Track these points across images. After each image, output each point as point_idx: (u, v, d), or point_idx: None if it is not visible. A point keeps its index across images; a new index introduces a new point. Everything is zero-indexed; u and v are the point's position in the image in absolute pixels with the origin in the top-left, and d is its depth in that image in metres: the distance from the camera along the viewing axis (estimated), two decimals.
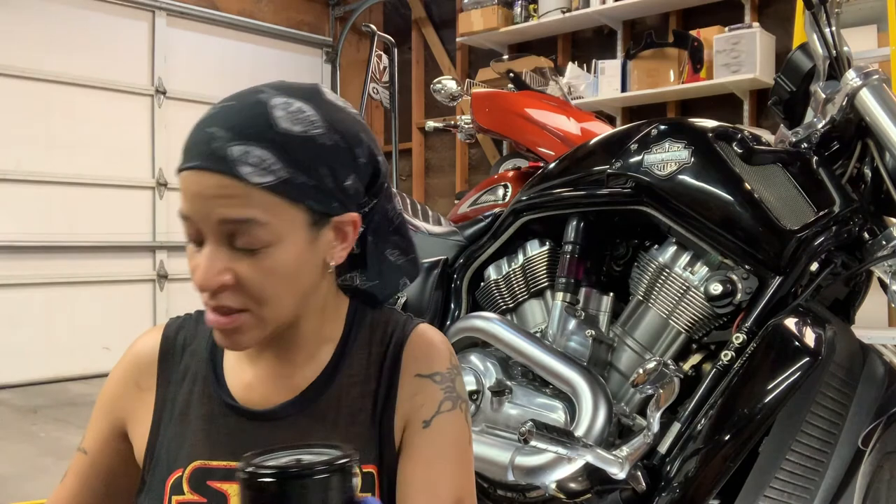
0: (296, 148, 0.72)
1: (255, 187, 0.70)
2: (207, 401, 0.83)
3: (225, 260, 0.72)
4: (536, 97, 2.40)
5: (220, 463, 0.80)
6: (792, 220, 1.41)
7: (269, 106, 0.73)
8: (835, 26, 1.46)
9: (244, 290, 0.73)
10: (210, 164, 0.70)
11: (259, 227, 0.71)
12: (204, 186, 0.71)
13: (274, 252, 0.73)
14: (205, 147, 0.71)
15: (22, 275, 4.51)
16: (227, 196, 0.70)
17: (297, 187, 0.72)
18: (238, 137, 0.71)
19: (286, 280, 0.74)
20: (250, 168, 0.70)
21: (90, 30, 4.77)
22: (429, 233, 2.06)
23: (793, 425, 1.30)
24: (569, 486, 1.47)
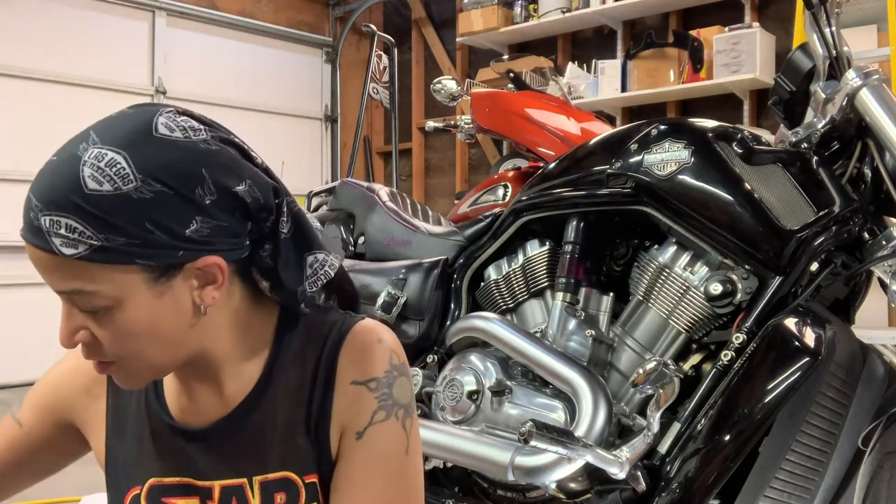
0: (107, 209, 0.66)
1: (69, 258, 0.66)
2: (152, 418, 0.83)
3: (78, 319, 0.71)
4: (536, 97, 2.40)
5: (173, 479, 0.80)
6: (792, 220, 1.41)
7: (81, 164, 0.67)
8: (835, 26, 1.46)
9: (103, 346, 0.72)
10: (29, 237, 0.68)
11: (88, 295, 0.68)
12: (32, 257, 0.69)
13: (117, 313, 0.69)
14: (26, 216, 0.68)
15: (22, 275, 4.50)
16: (49, 269, 0.68)
17: (115, 251, 0.67)
18: (47, 207, 0.66)
19: (141, 336, 0.71)
20: (60, 240, 0.66)
21: (90, 30, 4.77)
22: (429, 233, 2.06)
23: (793, 425, 1.30)
24: (569, 486, 1.47)
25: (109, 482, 0.85)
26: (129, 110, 0.72)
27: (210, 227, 0.70)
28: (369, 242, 2.15)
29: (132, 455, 0.83)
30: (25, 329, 4.46)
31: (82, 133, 0.70)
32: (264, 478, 0.78)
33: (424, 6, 5.58)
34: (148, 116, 0.70)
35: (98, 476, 0.88)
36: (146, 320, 0.70)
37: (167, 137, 0.70)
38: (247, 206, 0.73)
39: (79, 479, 2.81)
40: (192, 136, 0.71)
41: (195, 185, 0.69)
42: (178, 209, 0.68)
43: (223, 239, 0.72)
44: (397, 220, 2.13)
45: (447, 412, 1.71)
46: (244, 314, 0.79)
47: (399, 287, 1.94)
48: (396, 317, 1.92)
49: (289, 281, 0.78)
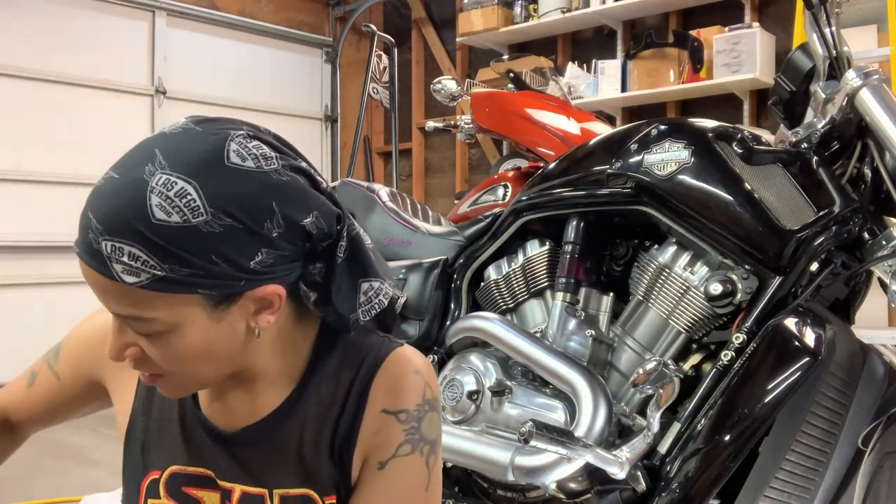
0: (174, 241, 0.64)
1: (131, 287, 0.65)
2: (184, 408, 0.83)
3: (129, 336, 0.70)
4: (536, 97, 2.40)
5: (197, 469, 0.80)
6: (792, 220, 1.41)
7: (148, 190, 0.64)
8: (835, 26, 1.46)
9: (153, 362, 0.71)
10: (87, 259, 0.66)
11: (146, 321, 0.67)
12: (89, 277, 0.67)
13: (174, 337, 0.69)
14: (83, 236, 0.66)
15: (22, 275, 4.51)
16: (106, 293, 0.67)
17: (178, 282, 0.65)
18: (109, 232, 0.64)
19: (195, 358, 0.71)
20: (122, 266, 0.64)
21: (90, 30, 4.76)
22: (429, 233, 2.06)
23: (793, 425, 1.30)
24: (569, 486, 1.47)
25: (127, 455, 0.84)
26: (198, 129, 0.69)
27: (274, 258, 0.69)
28: None
29: (155, 435, 0.82)
30: (25, 329, 4.46)
31: (146, 151, 0.67)
32: (285, 492, 0.78)
33: (424, 6, 5.58)
34: (219, 142, 0.68)
35: (98, 476, 0.89)
36: (201, 345, 0.70)
37: (239, 167, 0.67)
38: (311, 236, 0.72)
39: (79, 479, 2.81)
40: (263, 166, 0.68)
41: (264, 220, 0.67)
42: (245, 242, 0.67)
43: (284, 266, 0.71)
44: (397, 220, 2.13)
45: (447, 412, 1.71)
46: (288, 330, 0.79)
47: (399, 287, 1.94)
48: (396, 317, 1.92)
49: (341, 306, 0.76)
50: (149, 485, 0.80)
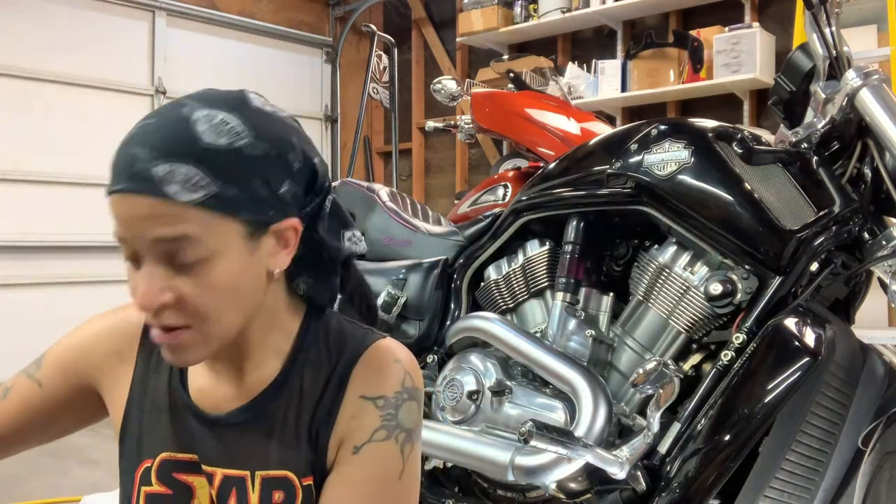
0: (222, 161, 0.71)
1: (184, 205, 0.69)
2: (172, 394, 0.84)
3: (164, 279, 0.72)
4: (536, 97, 2.40)
5: (186, 455, 0.81)
6: (792, 220, 1.41)
7: (192, 121, 0.71)
8: (835, 26, 1.46)
9: (185, 307, 0.72)
10: (136, 187, 0.69)
11: (194, 243, 0.70)
12: (134, 208, 0.70)
13: (212, 267, 0.72)
14: (129, 169, 0.70)
15: (22, 275, 4.51)
16: (158, 216, 0.69)
17: (227, 201, 0.71)
18: (161, 156, 0.69)
19: (227, 294, 0.74)
20: (177, 186, 0.69)
21: (90, 30, 4.76)
22: (429, 233, 2.06)
23: (793, 425, 1.30)
24: (569, 486, 1.47)
25: (122, 450, 0.85)
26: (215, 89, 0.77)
27: (293, 192, 0.77)
28: (369, 242, 2.14)
29: (148, 426, 0.84)
30: (25, 329, 4.46)
31: (172, 102, 0.75)
32: (266, 473, 0.79)
33: (424, 6, 5.58)
34: (238, 93, 0.77)
35: (98, 476, 0.89)
36: (234, 276, 0.73)
37: (262, 108, 0.77)
38: (316, 179, 0.80)
39: (79, 479, 2.81)
40: (278, 113, 0.79)
41: (288, 150, 0.76)
42: (276, 169, 0.75)
43: (297, 208, 0.78)
44: (397, 220, 2.13)
45: (447, 412, 1.71)
46: (280, 310, 0.83)
47: (399, 287, 1.94)
48: (396, 317, 1.92)
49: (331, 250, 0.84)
50: (142, 473, 0.82)
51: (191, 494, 0.80)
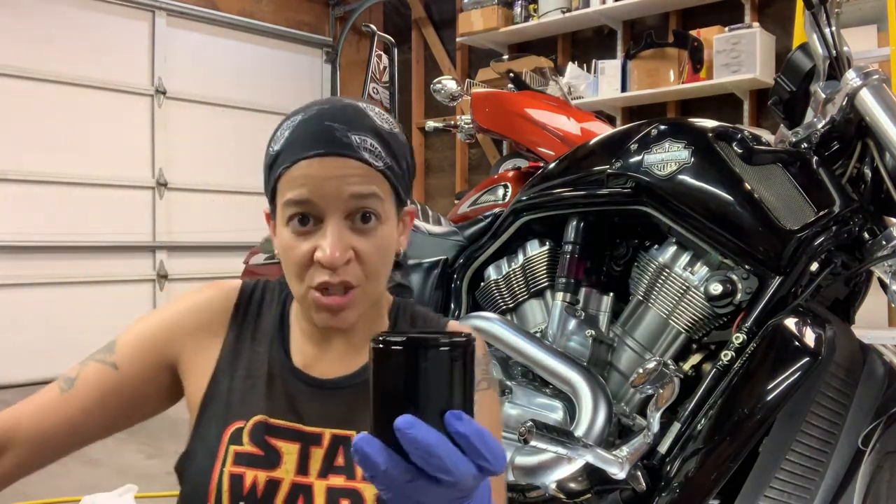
0: (390, 142, 0.84)
1: (373, 169, 0.81)
2: (273, 363, 0.88)
3: (348, 238, 0.81)
4: (536, 97, 2.40)
5: (280, 421, 0.85)
6: (792, 220, 1.41)
7: (364, 109, 0.85)
8: (835, 26, 1.46)
9: (361, 264, 0.82)
10: (338, 150, 0.81)
11: (379, 202, 0.82)
12: (333, 168, 0.80)
13: (382, 229, 0.83)
14: (328, 136, 0.81)
15: (22, 275, 4.51)
16: (356, 175, 0.81)
17: (395, 174, 0.84)
18: (354, 129, 0.81)
19: (387, 257, 0.84)
20: (368, 153, 0.81)
21: (90, 30, 4.77)
22: (429, 233, 2.06)
23: (793, 425, 1.30)
24: (569, 486, 1.47)
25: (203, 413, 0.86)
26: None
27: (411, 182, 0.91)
28: None
29: (241, 392, 0.87)
30: (25, 329, 4.46)
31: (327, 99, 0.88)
32: None
33: (424, 6, 5.58)
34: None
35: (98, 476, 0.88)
36: (391, 243, 0.85)
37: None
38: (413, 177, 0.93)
39: (79, 479, 2.81)
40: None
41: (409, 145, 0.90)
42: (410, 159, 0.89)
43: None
44: None
45: None
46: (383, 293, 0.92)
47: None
48: None
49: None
50: (233, 433, 0.84)
51: (278, 458, 0.83)
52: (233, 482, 0.82)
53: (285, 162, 0.82)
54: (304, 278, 0.82)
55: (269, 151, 0.85)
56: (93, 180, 4.73)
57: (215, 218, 5.28)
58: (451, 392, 0.53)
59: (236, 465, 0.83)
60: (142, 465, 3.05)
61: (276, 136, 0.86)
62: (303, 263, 0.81)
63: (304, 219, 0.81)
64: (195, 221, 5.18)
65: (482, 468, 0.52)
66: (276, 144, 0.84)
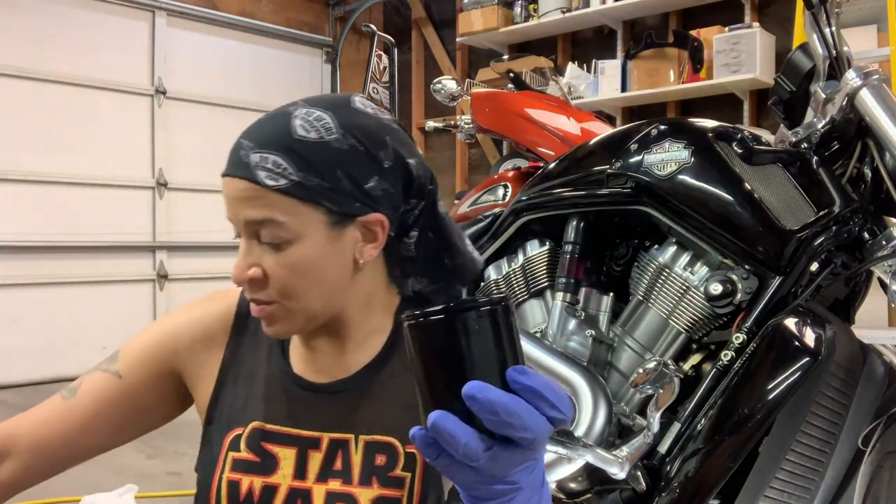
0: (309, 153, 0.77)
1: (270, 190, 0.76)
2: (272, 368, 0.88)
3: (254, 256, 0.79)
4: (536, 97, 2.40)
5: (276, 427, 0.85)
6: (792, 220, 1.41)
7: (292, 116, 0.79)
8: (835, 26, 1.46)
9: (271, 283, 0.79)
10: (235, 171, 0.78)
11: (277, 225, 0.77)
12: (232, 191, 0.78)
13: (295, 249, 0.78)
14: (234, 156, 0.79)
15: (22, 275, 4.51)
16: (248, 198, 0.77)
17: (309, 189, 0.77)
18: (258, 146, 0.78)
19: (308, 275, 0.79)
20: (265, 173, 0.76)
21: (90, 30, 4.77)
22: None
23: (793, 425, 1.30)
24: (569, 486, 1.47)
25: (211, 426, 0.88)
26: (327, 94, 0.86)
27: (382, 189, 0.81)
28: None
29: (241, 399, 0.87)
30: (25, 329, 4.46)
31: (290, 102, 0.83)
32: (370, 438, 0.83)
33: (424, 6, 5.58)
34: (346, 95, 0.85)
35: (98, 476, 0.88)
36: (316, 260, 0.79)
37: (361, 109, 0.83)
38: (412, 180, 0.84)
39: (79, 479, 2.81)
40: (379, 114, 0.84)
41: (380, 148, 0.81)
42: (364, 165, 0.80)
43: (388, 205, 0.82)
44: None
45: None
46: (380, 291, 0.88)
47: None
48: None
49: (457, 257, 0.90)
50: (232, 439, 0.85)
51: (275, 464, 0.83)
52: (230, 489, 0.83)
53: None
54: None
55: None
56: (93, 180, 4.73)
57: (215, 218, 5.28)
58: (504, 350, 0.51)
59: (234, 471, 0.84)
60: (142, 465, 3.05)
61: None
62: None
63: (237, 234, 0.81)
64: (195, 221, 5.18)
65: (553, 419, 0.51)
66: None
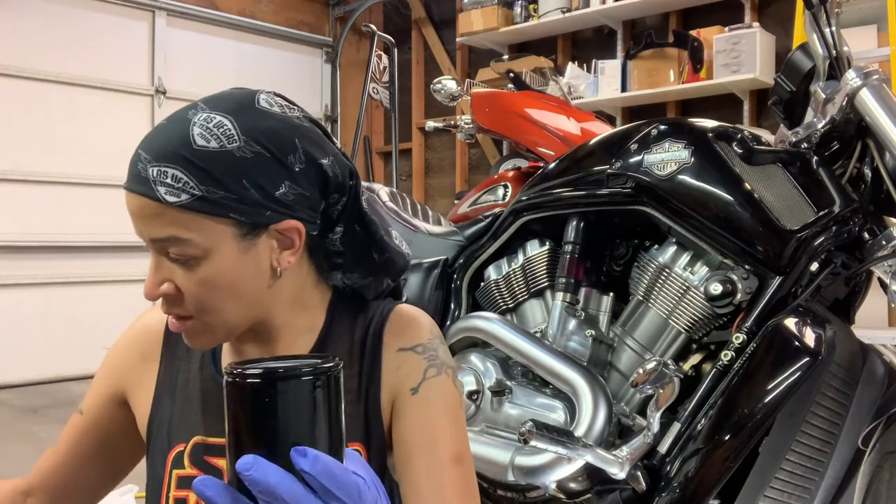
0: (212, 164, 0.72)
1: (171, 207, 0.72)
2: (204, 378, 0.86)
3: (165, 272, 0.75)
4: (536, 97, 2.40)
5: (218, 440, 0.82)
6: (792, 220, 1.41)
7: (191, 124, 0.73)
8: (835, 26, 1.46)
9: (185, 299, 0.75)
10: (134, 186, 0.73)
11: (182, 242, 0.73)
12: (133, 207, 0.74)
13: (205, 264, 0.74)
14: (133, 169, 0.74)
15: (22, 275, 4.51)
16: (149, 216, 0.73)
17: (214, 203, 0.72)
18: (156, 159, 0.72)
19: (223, 289, 0.75)
20: (165, 188, 0.71)
21: (90, 30, 4.76)
22: (429, 233, 2.06)
23: (793, 425, 1.30)
24: (569, 486, 1.47)
25: (151, 444, 0.87)
26: (233, 89, 0.80)
27: (295, 194, 0.76)
28: None
29: (178, 413, 0.85)
30: (25, 329, 4.46)
31: (191, 104, 0.77)
32: None
33: (424, 6, 5.58)
34: (250, 93, 0.79)
35: None
36: (229, 274, 0.75)
37: (267, 110, 0.77)
38: (328, 180, 0.80)
39: None
40: (287, 113, 0.79)
41: (288, 153, 0.76)
42: (272, 171, 0.75)
43: (304, 209, 0.78)
44: (397, 220, 2.13)
45: None
46: (307, 290, 0.85)
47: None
48: None
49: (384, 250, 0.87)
50: (174, 457, 0.83)
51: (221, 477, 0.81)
52: None
53: None
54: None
55: None
56: (92, 180, 4.73)
57: None
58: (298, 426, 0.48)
59: (179, 489, 0.82)
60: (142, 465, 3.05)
61: None
62: None
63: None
64: None
65: None
66: None
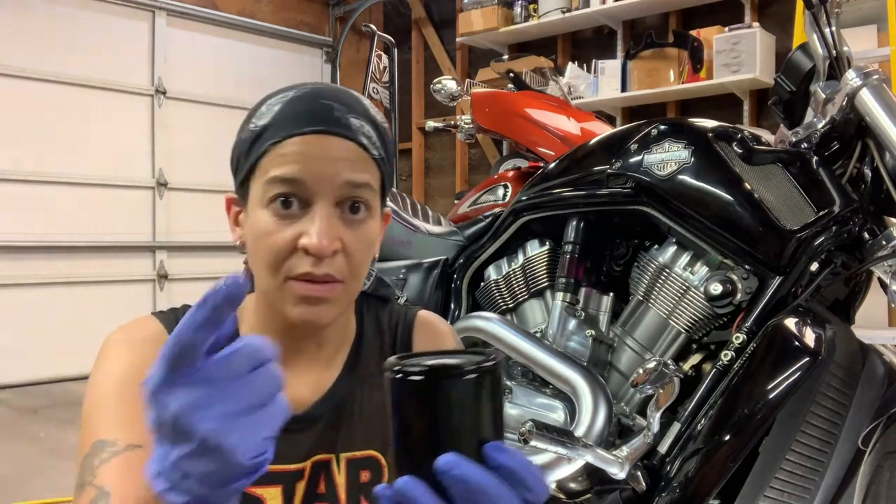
0: (382, 133, 0.78)
1: (370, 156, 0.76)
2: None
3: (337, 229, 0.73)
4: (536, 97, 2.40)
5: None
6: (792, 220, 1.41)
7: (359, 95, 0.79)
8: (835, 26, 1.46)
9: (347, 258, 0.74)
10: (338, 130, 0.74)
11: (370, 193, 0.75)
12: (330, 149, 0.73)
13: (371, 223, 0.76)
14: (327, 115, 0.74)
15: (22, 275, 4.50)
16: (353, 160, 0.74)
17: (385, 166, 0.79)
18: (353, 112, 0.75)
19: (371, 254, 0.78)
20: (366, 139, 0.75)
21: (90, 30, 4.76)
22: (429, 233, 2.06)
23: (793, 425, 1.30)
24: (569, 486, 1.47)
25: None
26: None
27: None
28: None
29: None
30: (25, 329, 4.46)
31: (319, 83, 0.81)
32: (351, 455, 0.81)
33: (424, 6, 5.58)
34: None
35: None
36: (376, 238, 0.79)
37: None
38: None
39: None
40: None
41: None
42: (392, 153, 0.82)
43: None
44: (397, 220, 2.13)
45: None
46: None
47: (399, 287, 1.94)
48: None
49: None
50: None
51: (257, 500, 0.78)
52: None
53: (275, 137, 0.73)
54: (282, 268, 0.72)
55: (249, 127, 0.76)
56: (93, 180, 4.73)
57: (215, 218, 5.28)
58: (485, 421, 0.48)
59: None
60: None
61: (259, 112, 0.76)
62: (283, 251, 0.72)
63: (287, 201, 0.72)
64: (195, 221, 5.18)
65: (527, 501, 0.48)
66: (260, 119, 0.75)
